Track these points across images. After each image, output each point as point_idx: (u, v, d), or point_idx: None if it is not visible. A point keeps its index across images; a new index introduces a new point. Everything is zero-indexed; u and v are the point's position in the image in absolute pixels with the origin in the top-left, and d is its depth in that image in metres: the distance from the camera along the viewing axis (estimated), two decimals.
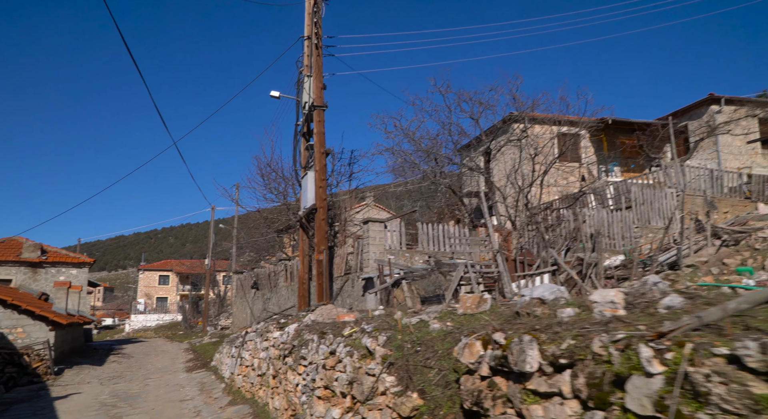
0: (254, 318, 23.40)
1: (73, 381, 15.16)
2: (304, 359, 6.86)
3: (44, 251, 25.54)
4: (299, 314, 10.05)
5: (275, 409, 8.09)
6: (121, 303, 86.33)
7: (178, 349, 24.76)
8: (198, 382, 13.36)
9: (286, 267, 20.43)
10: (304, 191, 16.95)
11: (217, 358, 15.09)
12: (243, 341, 10.87)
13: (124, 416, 9.93)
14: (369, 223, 14.55)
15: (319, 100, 15.30)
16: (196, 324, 38.39)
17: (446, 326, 5.26)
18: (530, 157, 16.39)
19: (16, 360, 15.84)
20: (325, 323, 7.37)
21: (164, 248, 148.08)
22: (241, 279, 26.42)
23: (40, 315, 16.90)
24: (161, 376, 15.38)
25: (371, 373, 5.20)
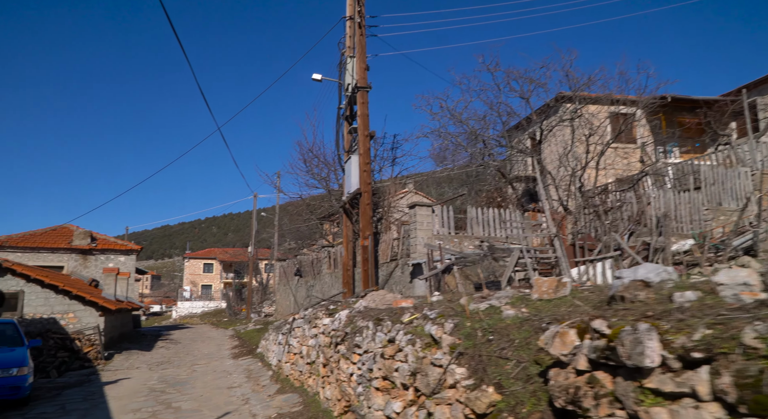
0: (298, 305, 23.32)
1: (123, 366, 15.30)
2: (359, 347, 6.43)
3: (94, 238, 26.10)
4: (348, 300, 9.68)
5: (327, 399, 7.73)
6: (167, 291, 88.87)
7: (224, 336, 24.96)
8: (245, 369, 13.21)
9: (330, 254, 20.17)
10: (347, 175, 16.56)
11: (263, 345, 14.94)
12: (290, 328, 10.58)
13: (173, 402, 9.79)
14: (416, 207, 14.03)
15: (362, 81, 14.81)
16: (240, 311, 38.85)
17: (521, 312, 4.72)
18: (585, 137, 15.49)
19: (68, 344, 16.10)
20: (380, 309, 6.93)
21: (208, 238, 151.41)
22: (284, 267, 26.38)
23: (90, 301, 17.14)
24: (208, 362, 15.36)
25: (437, 364, 4.72)
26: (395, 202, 19.65)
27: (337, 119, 17.57)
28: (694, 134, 19.05)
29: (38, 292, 16.85)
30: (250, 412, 8.64)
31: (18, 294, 16.61)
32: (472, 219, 14.41)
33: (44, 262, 24.25)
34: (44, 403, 10.03)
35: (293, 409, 8.23)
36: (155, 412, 9.01)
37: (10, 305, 16.50)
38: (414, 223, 14.16)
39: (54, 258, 24.74)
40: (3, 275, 16.47)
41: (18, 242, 24.10)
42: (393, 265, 14.94)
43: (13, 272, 16.52)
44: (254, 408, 8.90)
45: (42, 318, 16.73)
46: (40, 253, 24.48)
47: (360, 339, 6.43)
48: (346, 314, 7.51)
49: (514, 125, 17.61)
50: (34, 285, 16.80)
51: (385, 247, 16.09)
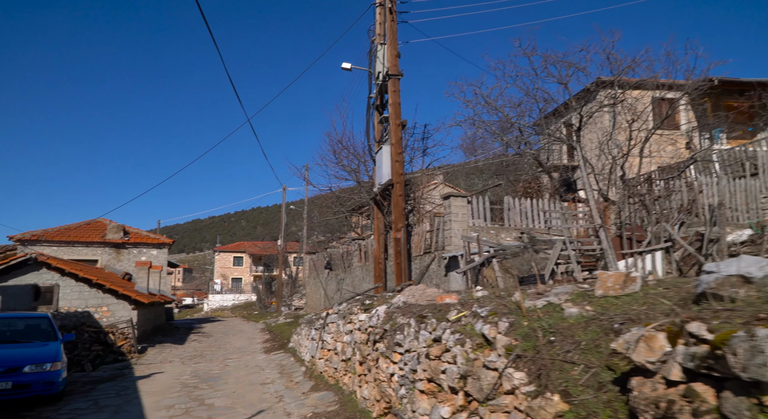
0: (328, 299, 23.10)
1: (156, 360, 15.27)
2: (400, 346, 6.04)
3: (126, 232, 26.32)
4: (385, 295, 9.29)
5: (364, 398, 7.37)
6: (199, 284, 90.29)
7: (255, 329, 24.94)
8: (277, 364, 12.99)
9: (360, 247, 19.84)
10: (378, 166, 16.16)
11: (295, 340, 14.71)
12: (324, 323, 10.26)
13: (206, 398, 9.59)
14: (451, 198, 13.56)
15: (393, 68, 14.34)
16: (270, 304, 38.97)
17: (585, 310, 4.24)
18: (627, 124, 14.74)
19: (102, 338, 16.17)
20: (421, 305, 6.51)
21: (237, 231, 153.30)
22: (314, 260, 26.19)
23: (123, 294, 17.18)
24: (240, 357, 15.22)
25: (491, 367, 4.28)
26: (427, 193, 19.18)
27: (368, 109, 17.16)
28: (743, 119, 18.02)
29: (72, 286, 16.96)
30: (284, 411, 8.36)
31: (53, 288, 16.74)
32: (509, 210, 13.87)
33: (79, 256, 24.57)
34: (78, 398, 9.95)
35: (329, 408, 7.90)
36: (188, 409, 8.81)
37: (45, 299, 16.65)
38: (448, 214, 13.69)
39: (88, 252, 25.04)
40: (38, 269, 16.61)
41: (54, 236, 24.45)
42: (427, 258, 14.50)
43: (48, 266, 16.65)
44: (288, 406, 8.62)
45: (76, 312, 16.84)
46: (74, 247, 24.80)
47: (401, 337, 6.04)
48: (384, 310, 7.12)
49: (551, 112, 16.91)
50: (68, 279, 16.92)
51: (418, 239, 15.67)
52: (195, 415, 8.40)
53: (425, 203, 19.53)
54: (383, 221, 16.78)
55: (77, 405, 9.30)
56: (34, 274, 16.56)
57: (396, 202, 14.19)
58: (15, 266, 16.21)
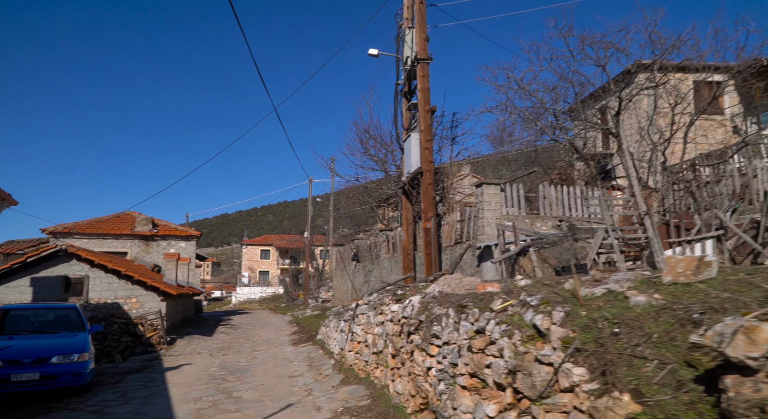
0: (356, 291, 22.82)
1: (185, 351, 15.18)
2: (437, 337, 5.62)
3: (155, 224, 26.47)
4: (417, 285, 8.88)
5: (397, 393, 6.99)
6: (227, 277, 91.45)
7: (282, 321, 24.83)
8: (305, 357, 12.72)
9: (388, 238, 19.46)
10: (406, 154, 15.73)
11: (323, 332, 14.43)
12: (353, 314, 9.91)
13: (234, 391, 9.34)
14: (483, 186, 13.05)
15: (422, 52, 13.86)
16: (297, 297, 38.97)
17: (653, 299, 3.76)
18: (670, 107, 13.97)
19: (131, 329, 16.16)
20: (459, 294, 6.08)
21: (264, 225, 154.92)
22: (341, 252, 25.94)
23: (151, 286, 17.15)
24: (268, 349, 15.02)
25: (545, 361, 3.84)
26: (456, 183, 18.68)
27: (395, 96, 16.72)
28: None
29: (102, 277, 16.99)
30: (314, 405, 8.04)
31: (83, 279, 16.80)
32: (545, 198, 13.29)
33: (109, 248, 24.78)
34: (106, 390, 9.81)
35: (360, 403, 7.55)
36: (216, 402, 8.57)
37: (75, 290, 16.71)
38: (480, 203, 13.19)
39: (118, 244, 25.25)
40: (68, 260, 16.68)
41: (85, 229, 24.71)
42: (458, 248, 14.04)
43: (78, 258, 16.70)
44: (318, 400, 8.30)
45: (106, 303, 16.87)
46: (105, 239, 25.03)
47: (438, 328, 5.62)
48: (418, 300, 6.71)
49: (586, 98, 16.19)
50: (97, 270, 16.95)
51: (448, 229, 15.20)
52: (222, 408, 8.14)
53: (454, 193, 19.04)
54: (412, 211, 16.37)
55: (105, 397, 9.16)
56: (65, 265, 16.64)
57: (425, 191, 13.75)
58: (46, 257, 16.30)
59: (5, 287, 15.87)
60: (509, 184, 13.35)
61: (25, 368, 8.58)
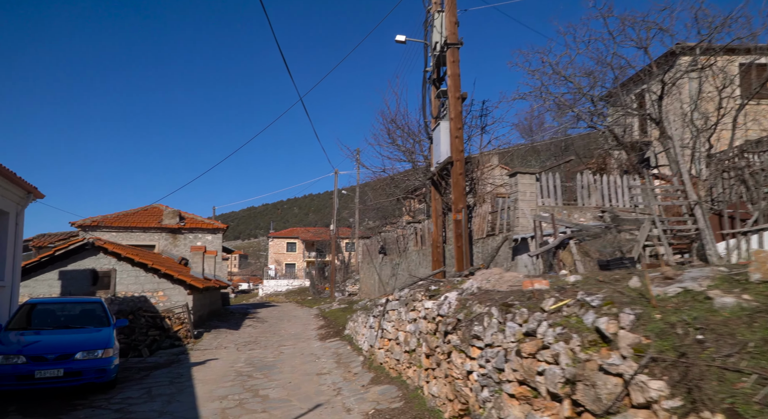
0: (383, 284, 22.44)
1: (211, 346, 15.00)
2: (478, 339, 5.15)
3: (182, 217, 26.48)
4: (452, 279, 8.40)
5: (432, 396, 6.54)
6: (254, 269, 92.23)
7: (309, 315, 24.62)
8: (333, 353, 12.37)
9: (416, 230, 18.98)
10: (435, 144, 15.21)
11: (351, 327, 14.06)
12: (383, 310, 9.48)
13: (261, 389, 9.03)
14: (518, 175, 12.46)
15: (453, 37, 13.26)
16: (324, 290, 38.83)
17: (743, 300, 3.21)
18: (717, 90, 13.12)
19: (158, 322, 16.05)
20: (500, 291, 5.59)
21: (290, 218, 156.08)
22: (367, 245, 25.56)
23: (178, 279, 17.03)
24: (295, 343, 14.74)
25: (612, 371, 3.33)
26: (487, 173, 18.07)
27: (423, 83, 16.16)
28: None
29: (129, 270, 16.94)
30: (343, 405, 7.65)
31: (110, 273, 16.76)
32: (583, 188, 12.64)
33: (137, 241, 24.88)
34: (131, 386, 9.61)
35: (392, 405, 7.12)
36: (242, 401, 8.25)
37: (103, 284, 16.69)
38: (515, 193, 12.61)
39: (146, 237, 25.33)
40: (96, 253, 16.65)
41: (113, 222, 24.84)
42: (491, 241, 13.48)
43: (105, 251, 16.66)
44: (347, 400, 7.91)
45: (133, 296, 16.81)
46: (133, 232, 25.14)
47: (479, 328, 5.14)
48: (455, 297, 6.23)
49: (625, 81, 15.39)
50: (124, 264, 16.90)
51: (479, 221, 14.65)
52: (249, 408, 7.82)
53: (485, 184, 18.44)
54: (441, 202, 15.87)
55: (130, 394, 8.93)
56: (92, 259, 16.62)
57: (456, 181, 13.21)
58: (74, 250, 16.29)
59: (34, 280, 15.92)
60: (545, 173, 12.72)
61: (49, 364, 8.39)
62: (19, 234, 12.61)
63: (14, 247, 12.29)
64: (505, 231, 13.02)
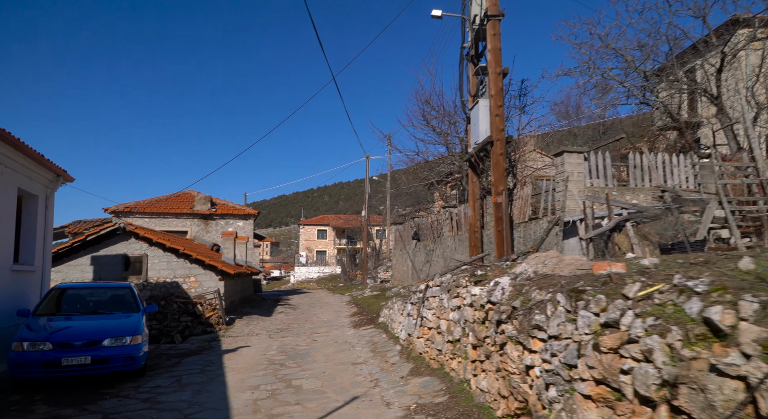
0: (416, 271, 21.86)
1: (243, 332, 14.70)
2: (540, 329, 4.50)
3: (213, 203, 26.35)
4: (499, 264, 7.74)
5: (481, 391, 5.93)
6: (285, 257, 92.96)
7: (341, 302, 24.25)
8: (368, 341, 11.86)
9: (452, 215, 18.29)
10: (473, 124, 14.45)
11: (386, 314, 13.53)
12: (423, 297, 8.88)
13: (294, 379, 8.57)
14: (564, 154, 11.65)
15: (494, 8, 12.44)
16: (355, 277, 38.50)
17: None
18: None
19: (190, 308, 15.84)
20: (563, 276, 4.92)
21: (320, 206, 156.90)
22: (400, 230, 24.97)
23: (209, 265, 16.78)
24: (328, 331, 14.30)
25: (730, 373, 2.65)
26: (527, 154, 17.22)
27: (461, 61, 15.37)
28: None
29: (160, 256, 16.76)
30: (382, 398, 7.11)
31: (142, 258, 16.60)
32: (635, 168, 11.74)
33: (169, 227, 24.85)
34: (161, 374, 9.28)
35: (436, 399, 6.55)
36: (274, 391, 7.80)
37: (135, 269, 16.55)
38: (561, 173, 11.80)
39: (178, 223, 25.29)
40: (127, 238, 16.50)
41: (145, 208, 24.86)
42: (533, 225, 12.71)
43: (136, 236, 16.50)
44: (386, 393, 7.36)
45: (165, 282, 16.64)
46: (165, 218, 25.11)
47: (542, 318, 4.49)
48: (508, 282, 5.58)
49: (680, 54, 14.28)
50: (156, 249, 16.71)
51: (521, 204, 13.88)
52: (282, 399, 7.36)
53: (524, 166, 17.61)
54: (479, 185, 15.16)
55: (159, 383, 8.59)
56: (124, 244, 16.48)
57: (496, 162, 12.48)
58: (105, 235, 16.16)
59: (67, 265, 15.86)
60: (593, 152, 11.85)
61: (76, 351, 8.09)
62: (49, 218, 12.44)
63: (44, 231, 12.12)
64: (549, 214, 12.24)
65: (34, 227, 11.72)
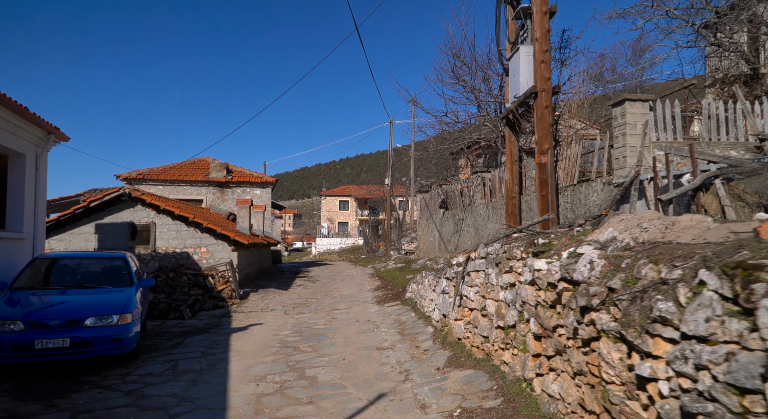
0: (444, 242, 20.36)
1: (257, 308, 13.48)
2: (665, 324, 2.96)
3: (229, 170, 25.08)
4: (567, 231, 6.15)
5: (550, 397, 4.46)
6: (308, 228, 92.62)
7: (363, 274, 22.96)
8: (394, 320, 10.47)
9: (484, 181, 16.63)
10: (512, 75, 12.66)
11: (414, 290, 12.11)
12: (462, 272, 7.37)
13: (308, 368, 7.23)
14: (625, 103, 9.87)
15: None
16: (378, 248, 37.22)
17: None
18: None
19: (201, 281, 14.65)
20: (691, 244, 3.34)
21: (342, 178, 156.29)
22: (426, 199, 23.39)
23: (221, 234, 15.51)
24: (349, 307, 12.98)
25: None
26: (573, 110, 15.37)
27: (497, 4, 13.53)
28: None
29: (169, 224, 15.53)
30: (415, 398, 5.70)
31: (149, 226, 15.41)
32: (710, 118, 9.90)
33: (183, 195, 23.71)
34: (157, 357, 8.04)
35: (486, 403, 5.10)
36: (283, 384, 6.46)
37: (142, 238, 15.38)
38: (621, 126, 10.04)
39: (192, 191, 24.12)
40: (133, 205, 15.29)
41: (158, 175, 23.70)
42: (582, 188, 11.03)
43: (143, 203, 15.27)
44: (420, 389, 5.94)
45: (174, 252, 15.45)
46: (179, 186, 23.95)
47: (668, 306, 2.94)
48: (596, 253, 4.03)
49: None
50: (164, 217, 15.49)
51: (568, 166, 12.18)
52: (291, 395, 6.01)
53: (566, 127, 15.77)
54: (517, 145, 13.48)
55: (152, 369, 7.34)
56: (130, 211, 15.28)
57: (541, 116, 10.76)
58: (110, 202, 14.96)
59: (70, 234, 14.75)
60: (660, 101, 10.03)
61: (52, 332, 6.85)
62: (41, 180, 11.18)
63: (35, 194, 10.88)
64: (604, 175, 10.55)
65: (21, 190, 10.47)
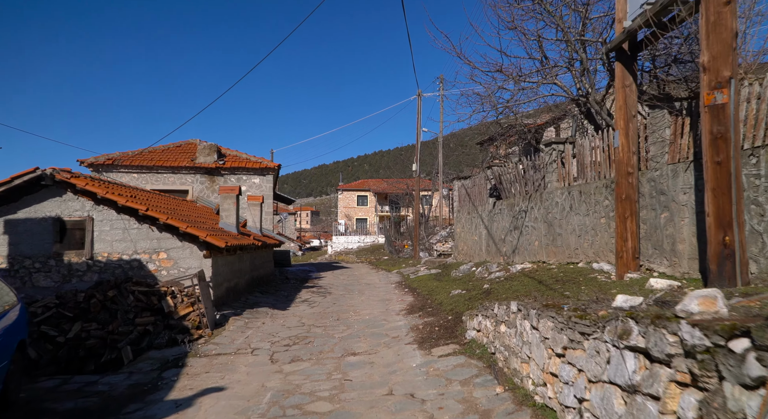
0: (494, 242, 15.39)
1: (232, 345, 8.74)
2: None
3: (221, 154, 20.38)
4: None
5: None
6: (325, 225, 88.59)
7: (387, 282, 18.07)
8: (463, 401, 5.52)
9: (561, 156, 11.65)
10: None
11: (485, 328, 7.19)
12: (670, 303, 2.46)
13: None
14: None
15: None
16: (402, 248, 32.32)
17: None
18: None
19: (155, 302, 9.97)
20: None
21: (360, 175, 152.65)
22: (468, 187, 18.39)
23: (186, 233, 10.79)
24: (372, 350, 8.10)
25: None
26: None
27: None
28: None
29: (113, 220, 10.88)
30: None
31: (85, 223, 10.77)
32: None
33: (164, 185, 19.11)
34: None
35: None
36: None
37: (74, 240, 10.75)
38: None
39: (176, 180, 19.49)
40: (61, 193, 10.68)
41: (132, 161, 19.10)
42: None
43: (73, 189, 10.65)
44: None
45: (121, 260, 10.80)
46: (159, 173, 19.35)
47: None
48: None
49: None
50: (106, 209, 10.84)
51: (754, 111, 7.13)
52: None
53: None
54: (635, 91, 8.58)
55: None
56: (56, 202, 10.67)
57: (716, 20, 5.86)
58: (23, 189, 10.35)
59: None
60: None
61: None
62: None
63: None
64: None
65: None
